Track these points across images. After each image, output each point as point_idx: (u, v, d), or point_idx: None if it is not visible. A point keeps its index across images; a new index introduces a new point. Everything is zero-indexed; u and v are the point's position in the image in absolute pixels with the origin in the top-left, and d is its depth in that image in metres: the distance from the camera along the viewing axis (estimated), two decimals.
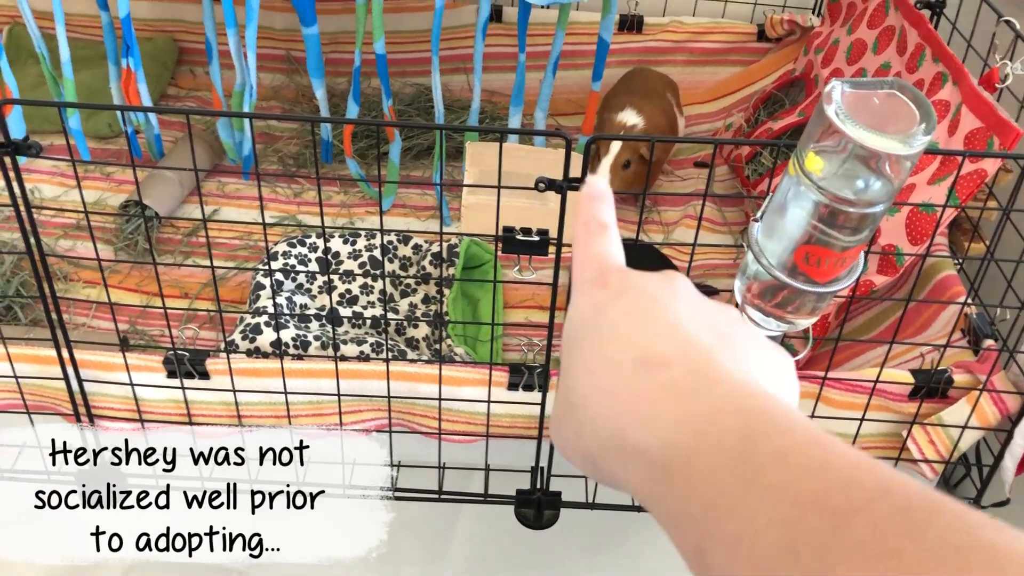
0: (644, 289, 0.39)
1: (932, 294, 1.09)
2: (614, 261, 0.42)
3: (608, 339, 0.37)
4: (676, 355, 0.35)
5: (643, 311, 0.37)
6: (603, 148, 1.36)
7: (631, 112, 1.40)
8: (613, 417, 0.35)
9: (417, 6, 1.64)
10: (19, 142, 0.75)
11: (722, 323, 0.38)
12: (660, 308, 0.37)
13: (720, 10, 1.69)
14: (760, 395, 0.33)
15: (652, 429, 0.33)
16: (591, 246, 0.43)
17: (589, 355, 0.37)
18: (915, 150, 0.61)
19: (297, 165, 1.54)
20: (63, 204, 1.43)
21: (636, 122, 1.40)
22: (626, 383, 0.35)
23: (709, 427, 0.32)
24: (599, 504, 0.98)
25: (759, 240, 0.73)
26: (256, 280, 1.24)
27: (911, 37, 1.23)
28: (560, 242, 0.78)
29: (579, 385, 0.37)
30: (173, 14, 1.68)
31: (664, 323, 0.37)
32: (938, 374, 0.92)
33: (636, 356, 0.35)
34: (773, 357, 0.39)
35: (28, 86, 1.56)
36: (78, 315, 1.26)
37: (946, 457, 0.93)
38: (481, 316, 1.26)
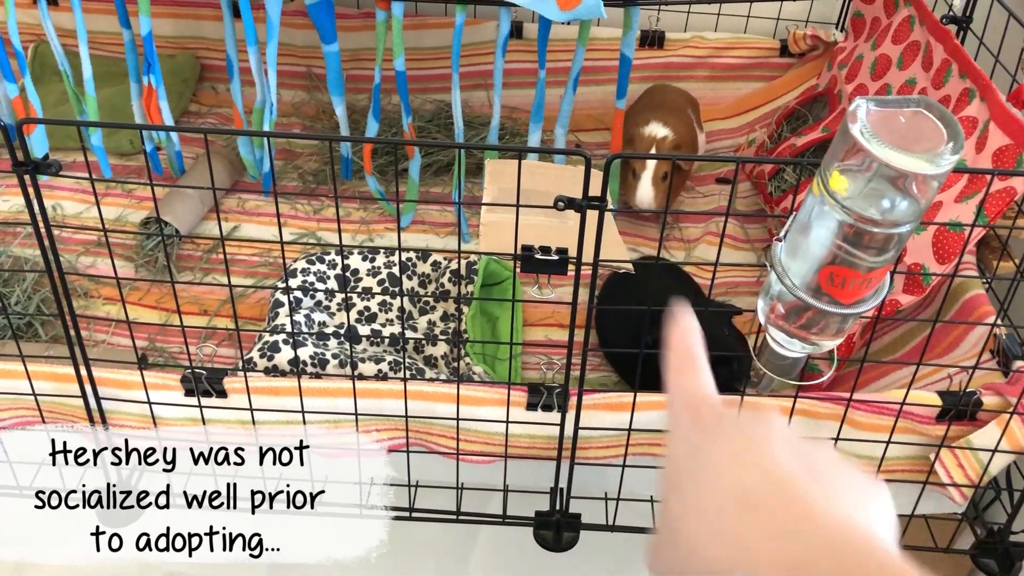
0: (739, 430, 0.41)
1: (960, 314, 1.07)
2: (707, 396, 0.45)
3: (709, 483, 0.40)
4: (773, 497, 0.38)
5: (739, 453, 0.40)
6: (638, 164, 1.36)
7: (658, 125, 1.40)
8: (719, 559, 0.38)
9: (437, 23, 1.64)
10: (39, 161, 0.75)
11: (815, 459, 0.40)
12: (755, 449, 0.40)
13: (742, 25, 1.68)
14: (855, 535, 0.36)
15: (756, 572, 0.37)
16: (684, 380, 0.47)
17: (692, 498, 0.41)
18: (943, 169, 0.60)
19: (317, 182, 1.54)
20: (85, 221, 1.44)
21: (665, 134, 1.39)
22: (729, 527, 0.38)
23: (809, 570, 0.35)
24: (619, 527, 0.97)
25: (783, 260, 0.72)
26: (275, 297, 1.23)
27: (937, 53, 1.21)
28: (580, 261, 0.77)
29: (685, 525, 0.41)
30: (195, 31, 1.69)
31: (760, 465, 0.39)
32: (967, 396, 0.90)
33: (737, 499, 0.38)
34: (868, 490, 0.42)
35: (52, 103, 1.58)
36: (98, 332, 1.26)
37: (975, 481, 0.91)
38: (500, 334, 1.25)
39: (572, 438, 0.90)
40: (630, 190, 1.37)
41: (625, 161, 1.39)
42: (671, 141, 1.39)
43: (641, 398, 0.89)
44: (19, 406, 0.96)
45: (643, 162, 1.35)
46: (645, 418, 0.91)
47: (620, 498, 0.96)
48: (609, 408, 0.91)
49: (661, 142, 1.39)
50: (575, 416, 0.89)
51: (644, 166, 1.35)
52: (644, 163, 1.35)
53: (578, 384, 0.87)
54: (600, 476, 0.97)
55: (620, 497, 0.95)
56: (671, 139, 1.39)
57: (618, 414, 0.90)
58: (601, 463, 0.95)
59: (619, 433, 0.92)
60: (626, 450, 0.92)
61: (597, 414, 0.91)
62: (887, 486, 0.44)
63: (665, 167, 1.36)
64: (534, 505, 0.97)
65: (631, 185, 1.37)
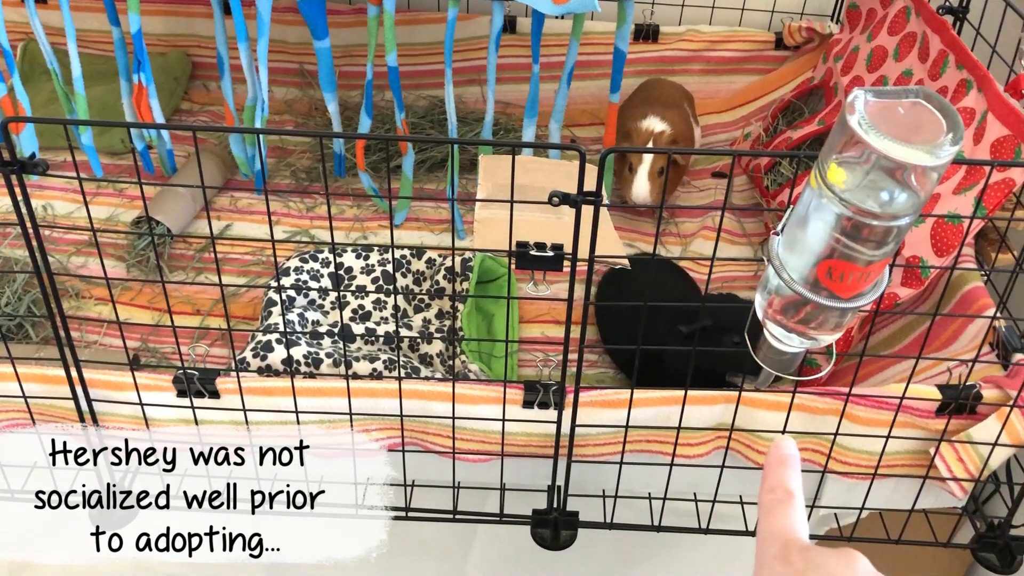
0: (828, 574, 0.42)
1: (959, 307, 1.06)
2: (799, 537, 0.46)
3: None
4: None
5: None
6: (635, 159, 1.35)
7: (655, 119, 1.39)
8: None
9: (429, 18, 1.63)
10: (25, 160, 0.74)
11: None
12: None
13: (737, 18, 1.67)
14: None
15: None
16: (776, 518, 0.47)
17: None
18: (942, 161, 0.59)
19: (310, 179, 1.53)
20: (75, 220, 1.42)
21: (663, 128, 1.38)
22: None
23: None
24: (617, 524, 0.96)
25: (780, 254, 0.71)
26: (268, 296, 1.22)
27: (933, 43, 1.21)
28: (575, 257, 0.76)
29: None
30: (186, 29, 1.67)
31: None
32: (966, 390, 0.89)
33: None
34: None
35: (42, 102, 1.56)
36: (90, 333, 1.25)
37: (975, 475, 0.90)
38: (496, 331, 1.24)
39: (569, 435, 0.89)
40: (626, 185, 1.36)
41: (621, 156, 1.38)
42: (668, 136, 1.38)
43: (638, 395, 0.88)
44: (9, 408, 0.95)
45: (639, 157, 1.34)
46: (642, 415, 0.90)
47: (618, 495, 0.95)
48: (607, 405, 0.90)
49: (658, 137, 1.38)
50: (572, 413, 0.88)
51: (640, 161, 1.34)
52: (640, 158, 1.34)
53: (575, 381, 0.86)
54: (598, 473, 0.96)
55: (618, 494, 0.95)
56: (668, 134, 1.38)
57: (615, 411, 0.90)
58: (599, 460, 0.94)
59: (616, 430, 0.91)
60: (623, 447, 0.91)
61: (594, 411, 0.90)
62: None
63: (661, 162, 1.35)
64: (531, 503, 0.96)
65: (627, 180, 1.36)
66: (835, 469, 0.93)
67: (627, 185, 1.36)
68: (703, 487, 0.96)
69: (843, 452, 0.92)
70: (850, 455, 0.92)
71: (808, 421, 0.91)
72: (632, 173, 1.35)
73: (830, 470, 0.93)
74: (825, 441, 0.91)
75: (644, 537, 1.00)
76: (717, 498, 0.94)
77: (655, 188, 1.34)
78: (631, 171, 1.35)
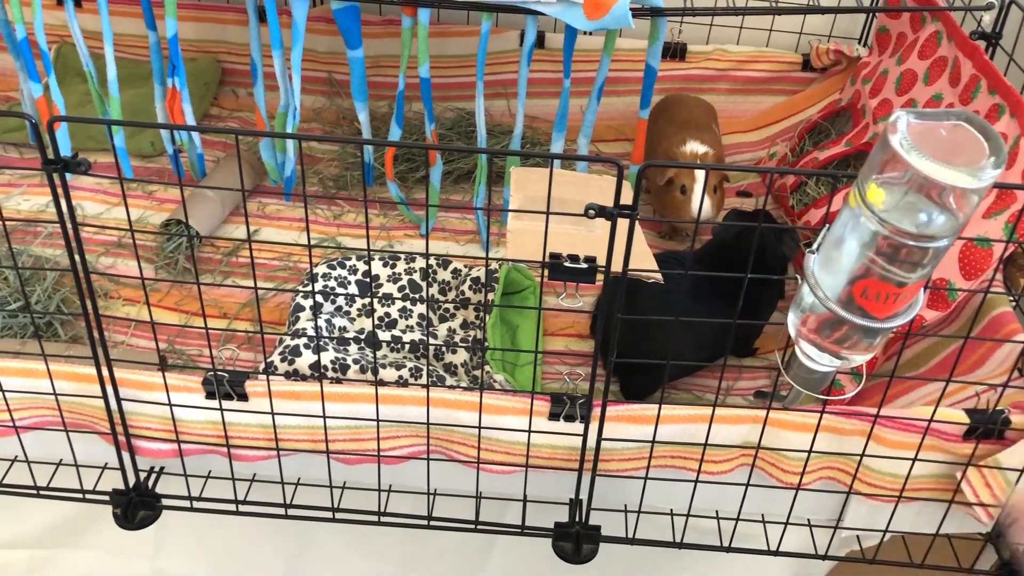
0: None
1: (986, 331, 1.06)
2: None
3: None
4: None
5: None
6: (687, 181, 1.35)
7: (696, 143, 1.41)
8: None
9: (459, 31, 1.64)
10: (68, 159, 0.74)
11: None
12: None
13: (765, 39, 1.67)
14: None
15: None
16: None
17: None
18: (984, 183, 0.59)
19: (337, 187, 1.54)
20: (105, 221, 1.44)
21: (705, 150, 1.41)
22: None
23: None
24: (639, 540, 0.96)
25: (815, 272, 0.71)
26: (296, 302, 1.23)
27: (965, 68, 1.21)
28: (609, 269, 0.76)
29: None
30: (218, 35, 1.69)
31: None
32: (995, 414, 0.89)
33: None
34: None
35: (73, 104, 1.58)
36: (117, 333, 1.26)
37: (1002, 501, 0.90)
38: (520, 342, 1.24)
39: (595, 449, 0.89)
40: (682, 206, 1.36)
41: (669, 180, 1.38)
42: (712, 156, 1.40)
43: (666, 411, 0.88)
44: (38, 405, 0.96)
45: (692, 178, 1.35)
46: (669, 431, 0.90)
47: (641, 511, 0.95)
48: (633, 420, 0.90)
49: (703, 158, 1.40)
50: (598, 427, 0.88)
51: (695, 180, 1.35)
52: (693, 177, 1.35)
53: (603, 395, 0.86)
54: (621, 488, 0.96)
55: (641, 510, 0.94)
56: (712, 155, 1.40)
57: (642, 426, 0.89)
58: (623, 475, 0.94)
59: (642, 445, 0.91)
60: (649, 463, 0.91)
61: (621, 426, 0.90)
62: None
63: (714, 180, 1.36)
64: (553, 516, 0.96)
65: (680, 200, 1.36)
66: (860, 490, 0.93)
67: (683, 206, 1.36)
68: (725, 505, 0.95)
69: (868, 473, 0.92)
70: (876, 477, 0.92)
71: (834, 442, 0.90)
72: (686, 194, 1.35)
73: (855, 491, 0.93)
74: (851, 461, 0.91)
75: (666, 553, 0.99)
76: (740, 516, 0.94)
77: (714, 204, 1.37)
78: (683, 192, 1.36)
